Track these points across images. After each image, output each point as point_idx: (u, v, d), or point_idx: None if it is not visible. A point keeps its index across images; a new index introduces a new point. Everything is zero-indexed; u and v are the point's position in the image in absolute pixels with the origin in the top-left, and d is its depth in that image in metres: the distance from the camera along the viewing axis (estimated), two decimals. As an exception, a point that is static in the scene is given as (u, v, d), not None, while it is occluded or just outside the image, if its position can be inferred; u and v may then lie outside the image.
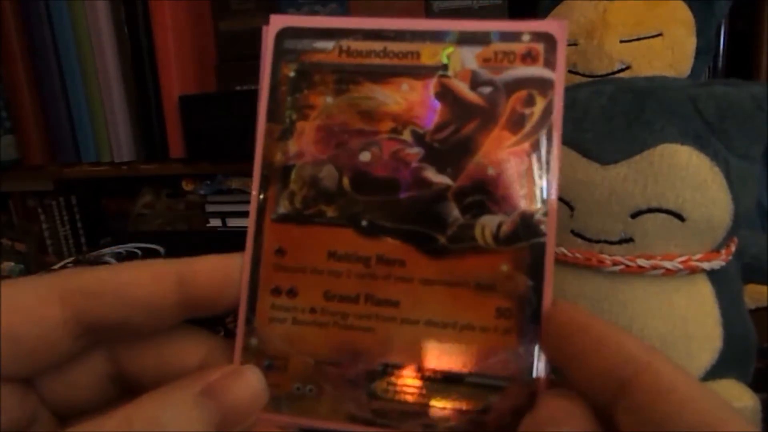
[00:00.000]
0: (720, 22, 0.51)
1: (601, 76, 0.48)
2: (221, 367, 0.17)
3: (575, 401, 0.16)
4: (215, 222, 0.91)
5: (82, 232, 1.02)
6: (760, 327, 0.44)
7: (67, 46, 0.86)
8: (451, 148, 0.18)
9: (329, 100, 0.19)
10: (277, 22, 0.19)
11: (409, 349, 0.18)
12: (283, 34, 0.19)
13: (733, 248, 0.42)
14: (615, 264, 0.40)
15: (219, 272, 0.18)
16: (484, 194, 0.18)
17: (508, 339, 0.17)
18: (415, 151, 0.18)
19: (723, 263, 0.40)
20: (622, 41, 0.47)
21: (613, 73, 0.47)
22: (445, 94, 0.18)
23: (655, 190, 0.37)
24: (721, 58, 0.71)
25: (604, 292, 0.41)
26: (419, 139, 0.18)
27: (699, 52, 0.48)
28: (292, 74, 0.19)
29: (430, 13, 0.74)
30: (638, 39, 0.47)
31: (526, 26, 0.18)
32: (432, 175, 0.18)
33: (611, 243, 0.40)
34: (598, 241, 0.40)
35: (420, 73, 0.18)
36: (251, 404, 0.17)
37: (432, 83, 0.18)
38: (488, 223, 0.18)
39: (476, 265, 0.18)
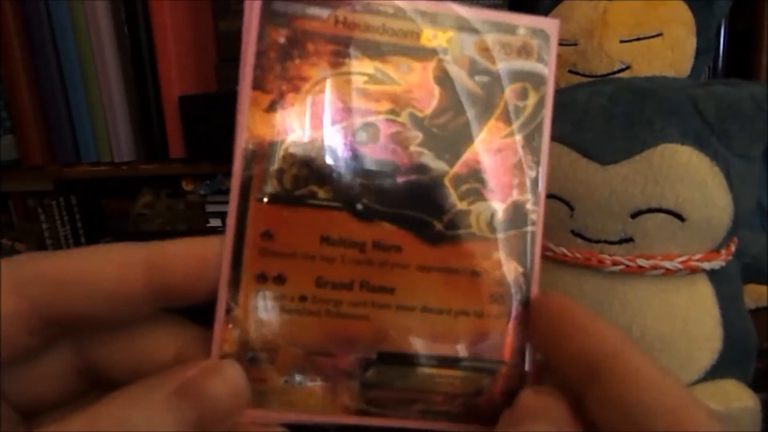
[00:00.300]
0: (720, 22, 0.51)
1: (601, 76, 0.47)
2: (197, 363, 0.16)
3: (554, 397, 0.16)
4: (215, 222, 0.91)
5: (82, 232, 1.02)
6: (760, 327, 0.44)
7: (67, 46, 0.86)
8: (449, 134, 0.18)
9: (324, 72, 0.17)
10: None
11: (404, 336, 0.18)
12: None
13: (733, 248, 0.42)
14: (615, 264, 0.40)
15: (194, 257, 0.16)
16: (479, 182, 0.18)
17: (500, 323, 0.18)
18: (414, 135, 0.18)
19: (723, 263, 0.40)
20: (622, 41, 0.47)
21: (613, 73, 0.47)
22: (444, 79, 0.18)
23: (655, 190, 0.37)
24: (721, 58, 0.71)
25: (604, 292, 0.41)
26: (418, 122, 0.18)
27: (699, 52, 0.48)
28: (281, 40, 0.17)
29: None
30: (638, 39, 0.47)
31: (522, 20, 0.18)
32: (430, 160, 0.18)
33: (611, 243, 0.40)
34: (598, 241, 0.40)
35: (420, 54, 0.18)
36: (231, 403, 0.16)
37: (431, 66, 0.18)
38: (483, 211, 0.18)
39: (471, 252, 0.18)
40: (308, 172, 0.17)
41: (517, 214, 0.18)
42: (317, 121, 0.17)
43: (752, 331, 0.43)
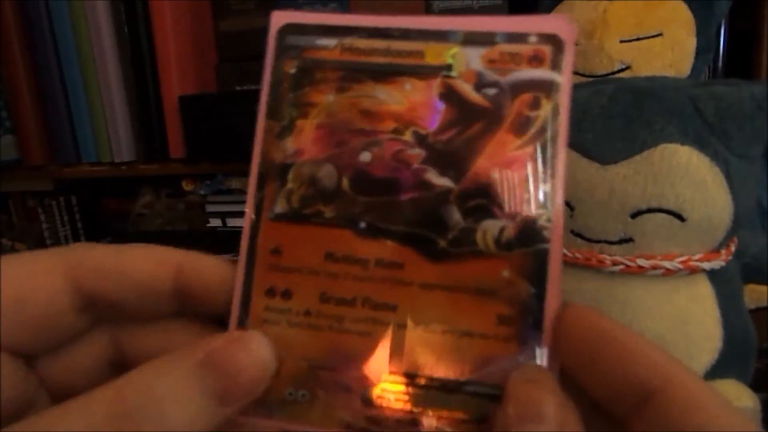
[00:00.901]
0: (720, 22, 0.51)
1: (601, 76, 0.48)
2: (223, 334, 0.17)
3: (547, 385, 0.15)
4: (215, 222, 0.91)
5: (82, 232, 1.02)
6: (760, 327, 0.44)
7: (67, 46, 0.86)
8: (454, 150, 0.18)
9: (331, 98, 0.18)
10: (280, 18, 0.19)
11: (405, 354, 0.17)
12: (286, 30, 0.19)
13: (733, 248, 0.42)
14: (615, 264, 0.40)
15: (217, 272, 0.18)
16: (487, 198, 0.17)
17: (508, 347, 0.17)
18: (417, 153, 0.18)
19: (723, 263, 0.40)
20: (622, 41, 0.47)
21: (613, 73, 0.47)
22: (449, 95, 0.18)
23: (655, 190, 0.37)
24: (721, 58, 0.71)
25: (603, 292, 0.41)
26: (421, 140, 0.18)
27: (699, 52, 0.48)
28: (293, 71, 0.18)
29: (430, 12, 0.74)
30: (638, 39, 0.47)
31: (533, 27, 0.18)
32: (434, 177, 0.18)
33: (611, 243, 0.40)
34: (598, 241, 0.40)
35: (424, 72, 0.18)
36: (256, 375, 0.16)
37: (436, 83, 0.18)
38: (490, 228, 0.17)
39: (477, 271, 0.17)
40: (315, 192, 0.18)
41: (528, 231, 0.17)
42: (323, 144, 0.18)
43: (752, 331, 0.43)
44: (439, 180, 0.18)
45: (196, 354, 0.15)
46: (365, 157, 0.18)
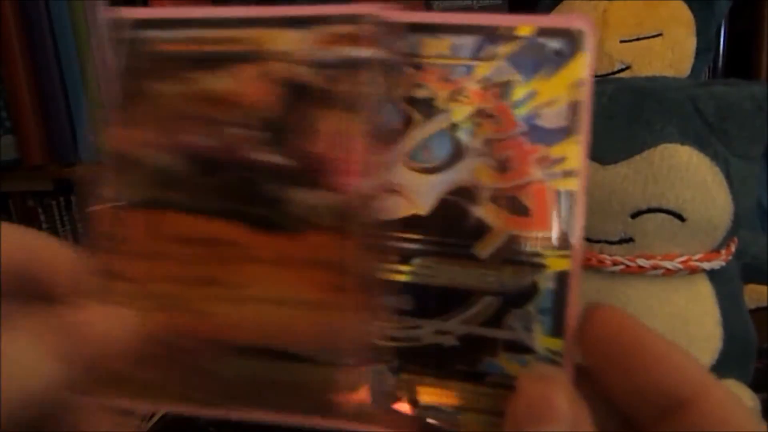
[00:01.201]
0: (720, 22, 0.51)
1: (601, 76, 0.48)
2: (79, 303, 0.17)
3: (556, 387, 0.15)
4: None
5: (82, 232, 1.02)
6: (760, 327, 0.44)
7: (67, 46, 0.87)
8: (289, 130, 0.19)
9: (174, 88, 0.19)
10: (126, 13, 0.20)
11: (251, 329, 0.18)
12: (133, 26, 0.20)
13: (733, 248, 0.42)
14: (615, 264, 0.40)
15: (63, 259, 0.18)
16: (321, 174, 0.18)
17: (346, 315, 0.18)
18: (254, 135, 0.19)
19: (723, 263, 0.40)
20: (622, 41, 0.47)
21: (613, 73, 0.47)
22: (286, 78, 0.19)
23: (655, 190, 0.37)
24: (721, 58, 0.71)
25: (604, 292, 0.41)
26: (258, 123, 0.19)
27: (699, 52, 0.48)
28: (137, 64, 0.20)
29: (430, 12, 0.74)
30: (638, 39, 0.47)
31: (360, 9, 0.19)
32: (270, 156, 0.19)
33: (611, 243, 0.40)
34: (598, 241, 0.40)
35: (262, 58, 0.19)
36: (108, 340, 0.17)
37: (274, 68, 0.19)
38: (324, 202, 0.18)
39: (313, 243, 0.18)
40: (159, 178, 0.19)
41: (359, 203, 0.18)
42: (166, 132, 0.19)
43: (752, 331, 0.43)
44: (275, 159, 0.19)
45: (51, 318, 0.16)
46: (205, 141, 0.19)
